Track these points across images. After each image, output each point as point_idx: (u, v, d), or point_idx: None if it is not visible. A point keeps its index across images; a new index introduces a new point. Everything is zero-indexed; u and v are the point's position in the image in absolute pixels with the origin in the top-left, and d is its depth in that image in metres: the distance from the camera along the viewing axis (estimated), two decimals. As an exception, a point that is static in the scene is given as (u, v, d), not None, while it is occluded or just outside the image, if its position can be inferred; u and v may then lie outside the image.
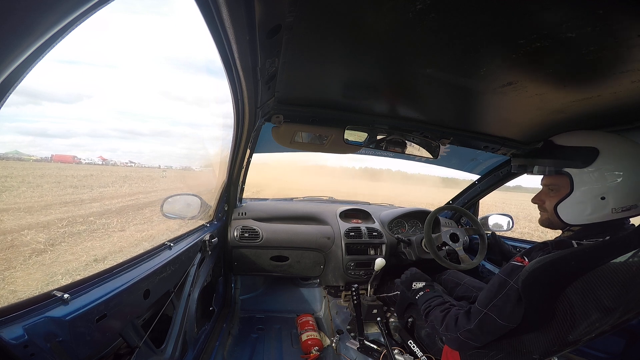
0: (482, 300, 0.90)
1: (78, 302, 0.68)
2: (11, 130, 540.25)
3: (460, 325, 0.93)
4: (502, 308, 0.84)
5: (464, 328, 0.92)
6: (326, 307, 2.16)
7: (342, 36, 0.71)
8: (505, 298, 0.84)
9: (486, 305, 0.87)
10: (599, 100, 0.91)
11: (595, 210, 0.84)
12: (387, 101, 1.18)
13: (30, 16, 0.30)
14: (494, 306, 0.85)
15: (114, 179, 23.98)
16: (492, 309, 0.86)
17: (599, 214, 0.83)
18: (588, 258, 0.76)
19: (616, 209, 0.81)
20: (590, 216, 0.85)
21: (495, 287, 0.87)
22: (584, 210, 0.86)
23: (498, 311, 0.85)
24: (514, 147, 1.51)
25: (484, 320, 0.87)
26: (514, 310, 0.82)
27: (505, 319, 0.84)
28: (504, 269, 0.89)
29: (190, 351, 1.33)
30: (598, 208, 0.83)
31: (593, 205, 0.84)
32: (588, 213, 0.85)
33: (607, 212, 0.82)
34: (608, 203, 0.82)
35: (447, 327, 0.98)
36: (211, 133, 22.70)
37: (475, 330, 0.89)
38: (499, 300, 0.85)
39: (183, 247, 1.25)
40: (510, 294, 0.83)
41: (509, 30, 0.63)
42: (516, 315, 0.83)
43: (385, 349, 1.57)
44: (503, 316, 0.84)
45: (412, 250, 1.87)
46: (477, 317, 0.88)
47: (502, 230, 2.17)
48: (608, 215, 0.82)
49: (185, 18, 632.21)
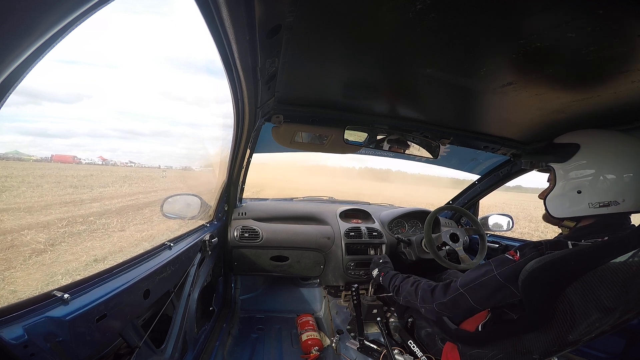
0: (463, 280, 0.96)
1: (78, 302, 0.68)
2: (11, 130, 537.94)
3: (436, 297, 1.02)
4: (477, 292, 0.91)
5: (439, 300, 1.00)
6: (326, 307, 2.16)
7: (342, 36, 0.71)
8: (483, 284, 0.89)
9: (464, 286, 0.94)
10: (599, 100, 0.91)
11: (573, 204, 0.88)
12: (387, 101, 1.18)
13: (30, 16, 0.30)
14: (471, 289, 0.92)
15: (114, 179, 23.98)
16: (468, 290, 0.92)
17: (575, 207, 0.88)
18: (588, 258, 0.76)
19: (592, 203, 0.84)
20: (568, 209, 0.90)
21: (480, 272, 0.93)
22: (563, 204, 0.91)
23: (473, 293, 0.91)
24: (514, 147, 1.51)
25: (458, 298, 0.95)
26: (488, 297, 0.88)
27: (477, 302, 0.91)
28: (496, 259, 0.93)
29: (190, 351, 1.33)
30: (575, 202, 0.88)
31: (570, 198, 0.89)
32: (567, 206, 0.90)
33: (584, 206, 0.86)
34: (584, 197, 0.86)
35: (424, 299, 1.06)
36: (211, 133, 22.73)
37: (448, 304, 0.98)
38: (478, 285, 0.91)
39: (183, 247, 1.25)
40: (488, 282, 0.88)
41: (509, 30, 0.63)
42: (489, 302, 0.89)
43: (385, 349, 1.57)
44: (475, 299, 0.91)
45: (412, 250, 1.87)
46: (453, 294, 0.96)
47: (502, 230, 2.17)
48: (585, 209, 0.86)
49: (185, 18, 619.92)
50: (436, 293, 1.03)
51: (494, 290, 0.87)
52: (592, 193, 0.84)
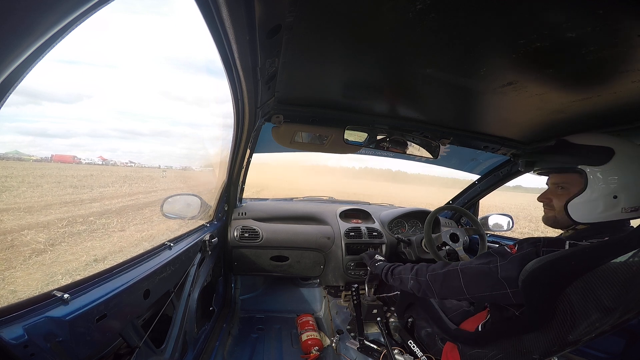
0: (465, 262, 0.99)
1: (78, 302, 0.68)
2: (11, 130, 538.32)
3: (432, 268, 1.05)
4: (469, 275, 0.93)
5: (434, 271, 1.03)
6: (326, 307, 2.16)
7: (342, 36, 0.71)
8: (477, 270, 0.91)
9: (462, 267, 0.96)
10: (599, 100, 0.91)
11: (607, 209, 0.86)
12: (387, 101, 1.18)
13: (30, 16, 0.30)
14: (468, 269, 0.94)
15: (114, 179, 23.98)
16: (465, 270, 0.94)
17: (609, 212, 0.85)
18: (588, 258, 0.76)
19: (626, 208, 0.83)
20: (600, 214, 0.87)
21: (480, 259, 0.94)
22: (596, 209, 0.87)
23: (466, 276, 0.93)
24: (514, 147, 1.51)
25: (451, 273, 0.97)
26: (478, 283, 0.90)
27: (466, 284, 0.93)
28: (497, 249, 0.94)
29: (190, 351, 1.33)
30: (609, 206, 0.85)
31: (605, 203, 0.85)
32: (599, 211, 0.87)
33: (617, 211, 0.84)
34: (619, 202, 0.84)
35: (417, 272, 1.09)
36: (211, 133, 22.63)
37: (440, 277, 1.00)
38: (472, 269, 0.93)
39: (183, 247, 1.25)
40: (483, 269, 0.89)
41: (509, 30, 0.63)
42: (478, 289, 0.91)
43: (385, 349, 1.57)
44: (466, 281, 0.93)
45: (412, 250, 1.87)
46: (450, 268, 0.99)
47: (502, 230, 2.17)
48: (618, 214, 0.84)
49: (185, 18, 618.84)
50: (433, 266, 1.06)
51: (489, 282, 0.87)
52: (628, 197, 0.83)
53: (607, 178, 0.85)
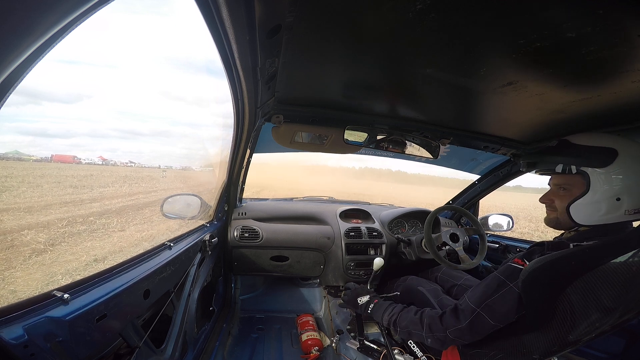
0: (475, 299, 0.90)
1: (78, 302, 0.68)
2: (11, 130, 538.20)
3: (449, 324, 0.94)
4: (495, 309, 0.85)
5: (454, 327, 0.92)
6: (326, 307, 2.16)
7: (342, 36, 0.71)
8: (501, 299, 0.84)
9: (479, 305, 0.88)
10: (599, 100, 0.91)
11: (610, 211, 0.84)
12: (387, 101, 1.18)
13: (30, 16, 0.30)
14: (487, 306, 0.86)
15: (114, 179, 23.98)
16: (485, 308, 0.87)
17: (612, 214, 0.84)
18: (588, 258, 0.76)
19: (629, 210, 0.82)
20: (603, 217, 0.85)
21: (492, 287, 0.87)
22: (598, 211, 0.85)
23: (491, 312, 0.86)
24: (514, 147, 1.51)
25: (476, 319, 0.88)
26: (508, 312, 0.83)
27: (497, 320, 0.85)
28: (503, 270, 0.89)
29: (190, 351, 1.32)
30: (612, 209, 0.83)
31: (608, 205, 0.84)
32: (602, 213, 0.85)
33: (621, 213, 0.83)
34: (622, 204, 0.82)
35: (431, 328, 0.98)
36: (211, 133, 22.49)
37: (466, 329, 0.90)
38: (494, 301, 0.86)
39: (183, 247, 1.25)
40: (506, 296, 0.83)
41: (509, 30, 0.63)
42: (509, 317, 0.84)
43: (385, 349, 1.57)
44: (495, 317, 0.85)
45: (412, 250, 1.87)
46: (470, 316, 0.89)
47: (502, 230, 2.17)
48: (621, 216, 0.83)
49: (185, 18, 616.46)
50: (447, 320, 0.95)
51: (515, 303, 0.82)
52: (632, 200, 0.82)
53: (610, 180, 0.83)
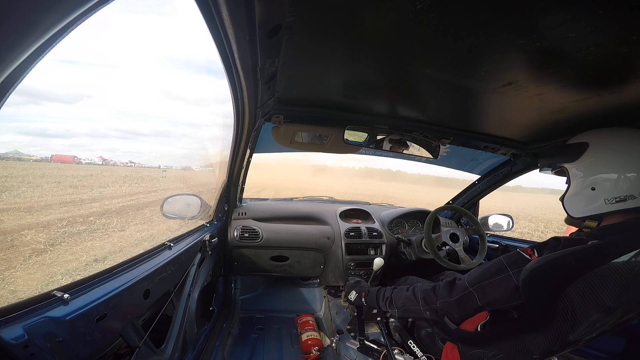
0: (472, 277, 0.92)
1: (78, 302, 0.68)
2: (11, 130, 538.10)
3: (441, 295, 0.98)
4: (486, 292, 0.87)
5: (444, 299, 0.96)
6: (326, 307, 2.16)
7: (342, 36, 0.71)
8: (495, 284, 0.85)
9: (473, 284, 0.90)
10: (599, 100, 0.91)
11: (589, 202, 0.87)
12: (387, 101, 1.18)
13: (30, 16, 0.30)
14: (481, 287, 0.88)
15: (114, 179, 23.99)
16: (478, 289, 0.89)
17: (593, 205, 0.87)
18: (589, 258, 0.75)
19: (608, 199, 0.84)
20: (586, 207, 0.89)
21: (491, 270, 0.89)
22: (580, 202, 0.90)
23: (482, 293, 0.88)
24: (514, 147, 1.51)
25: (466, 297, 0.91)
26: (498, 299, 0.85)
27: (485, 302, 0.87)
28: (509, 256, 0.89)
29: (190, 351, 1.32)
30: (591, 199, 0.87)
31: (585, 196, 0.88)
32: (584, 205, 0.89)
33: (601, 202, 0.85)
34: (599, 193, 0.85)
35: (426, 301, 1.02)
36: (211, 133, 22.54)
37: (454, 303, 0.93)
38: (488, 284, 0.87)
39: (183, 247, 1.25)
40: (502, 283, 0.84)
41: (509, 30, 0.63)
42: (498, 303, 0.86)
43: (385, 349, 1.57)
44: (484, 299, 0.87)
45: (412, 250, 1.87)
46: (461, 292, 0.92)
47: (502, 230, 2.17)
48: (602, 206, 0.85)
49: (185, 18, 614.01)
50: (439, 291, 0.99)
51: (509, 292, 0.83)
52: (606, 189, 0.84)
53: (582, 171, 0.89)
